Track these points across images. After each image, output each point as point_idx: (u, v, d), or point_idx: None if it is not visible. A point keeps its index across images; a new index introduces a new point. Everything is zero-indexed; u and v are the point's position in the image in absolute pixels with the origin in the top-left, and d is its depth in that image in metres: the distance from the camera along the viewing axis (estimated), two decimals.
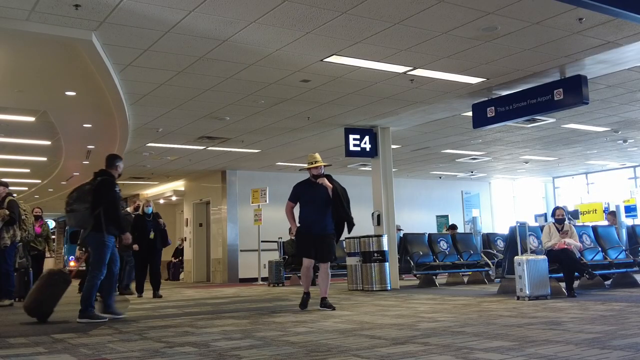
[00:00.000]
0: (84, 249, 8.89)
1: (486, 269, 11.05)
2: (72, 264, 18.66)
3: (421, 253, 10.86)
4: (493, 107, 8.93)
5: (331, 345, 3.99)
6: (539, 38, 6.70)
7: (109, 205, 6.20)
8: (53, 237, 30.38)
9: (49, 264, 13.96)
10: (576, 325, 4.61)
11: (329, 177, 6.92)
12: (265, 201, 13.84)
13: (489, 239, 11.74)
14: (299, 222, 6.86)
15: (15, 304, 8.50)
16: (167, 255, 12.90)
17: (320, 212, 6.74)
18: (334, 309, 6.55)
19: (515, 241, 7.76)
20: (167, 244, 10.79)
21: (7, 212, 8.23)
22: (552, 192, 20.82)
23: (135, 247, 9.96)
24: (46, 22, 5.74)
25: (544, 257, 7.42)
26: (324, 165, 7.04)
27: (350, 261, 10.27)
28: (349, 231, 7.06)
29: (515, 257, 7.27)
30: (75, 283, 8.37)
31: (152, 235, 10.25)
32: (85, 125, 10.01)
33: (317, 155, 7.00)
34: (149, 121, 10.00)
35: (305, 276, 6.90)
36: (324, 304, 6.69)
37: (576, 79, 7.88)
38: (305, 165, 7.11)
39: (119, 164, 6.59)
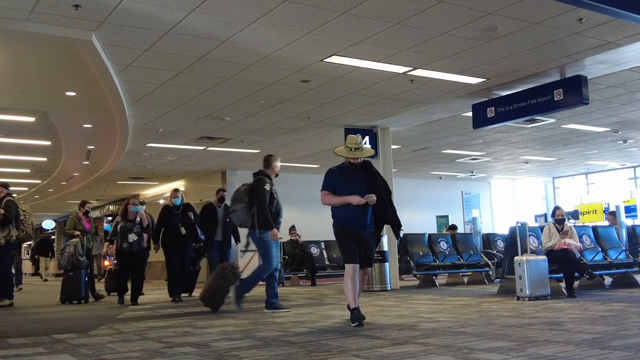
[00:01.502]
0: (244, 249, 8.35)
1: (486, 269, 11.05)
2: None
3: (421, 253, 10.86)
4: (493, 108, 8.94)
5: (331, 345, 3.99)
6: (539, 38, 6.70)
7: (255, 203, 6.53)
8: (53, 237, 30.41)
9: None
10: (576, 326, 4.60)
11: (367, 164, 5.63)
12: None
13: (489, 239, 11.73)
14: (335, 217, 5.47)
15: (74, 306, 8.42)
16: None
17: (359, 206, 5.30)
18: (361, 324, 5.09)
19: (515, 241, 7.75)
20: (200, 241, 9.49)
21: (2, 211, 8.26)
22: (552, 192, 20.82)
23: (157, 247, 9.08)
24: (46, 22, 5.74)
25: (544, 257, 7.41)
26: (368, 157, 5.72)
27: None
28: (397, 236, 5.73)
29: (515, 258, 7.27)
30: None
31: (182, 230, 8.95)
32: (85, 125, 10.01)
33: (359, 139, 5.57)
34: (149, 121, 10.00)
35: (352, 287, 5.19)
36: (357, 317, 5.13)
37: (576, 79, 7.88)
38: (342, 148, 5.63)
39: (275, 163, 6.89)
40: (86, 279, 9.13)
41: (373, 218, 5.43)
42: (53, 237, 30.25)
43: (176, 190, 9.41)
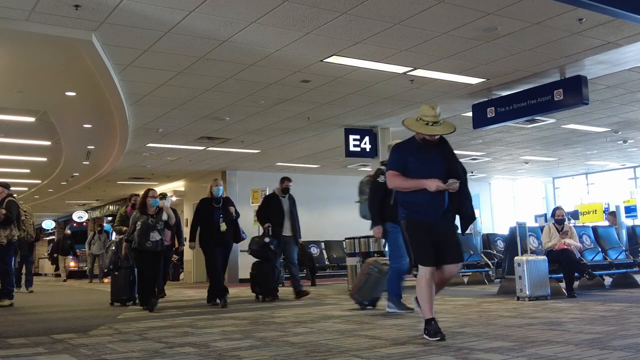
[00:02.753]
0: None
1: (486, 269, 11.04)
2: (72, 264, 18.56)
3: None
4: (493, 108, 8.93)
5: (331, 345, 3.98)
6: (539, 38, 6.70)
7: (368, 195, 6.28)
8: (53, 237, 30.39)
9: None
10: (576, 326, 4.60)
11: (444, 141, 4.50)
12: None
13: (488, 240, 11.72)
14: (403, 205, 4.40)
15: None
16: None
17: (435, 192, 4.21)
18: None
19: (515, 241, 7.74)
20: (241, 238, 8.32)
21: (3, 211, 8.26)
22: (552, 192, 20.81)
23: (192, 245, 8.09)
24: (46, 22, 5.74)
25: (543, 257, 7.41)
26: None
27: (350, 261, 10.26)
28: (465, 230, 4.62)
29: (515, 258, 7.26)
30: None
31: (223, 226, 7.77)
32: (85, 125, 10.01)
33: (438, 111, 4.36)
34: (149, 121, 10.00)
35: (428, 294, 4.21)
36: (435, 330, 4.12)
37: (576, 79, 7.88)
38: (412, 121, 4.46)
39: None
40: (130, 278, 8.20)
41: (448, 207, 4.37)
42: (53, 237, 30.25)
43: (217, 179, 8.15)
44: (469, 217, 4.47)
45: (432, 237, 4.23)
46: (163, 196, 8.08)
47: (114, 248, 8.55)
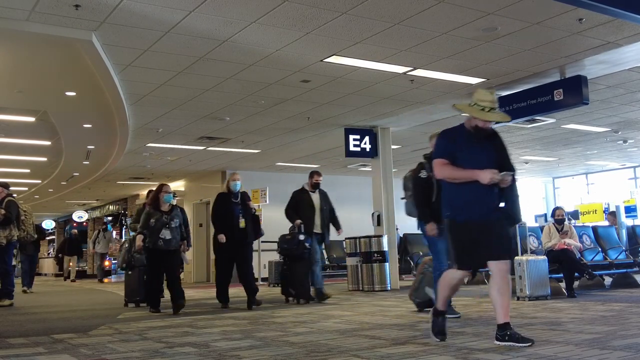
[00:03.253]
0: None
1: (486, 269, 11.04)
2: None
3: (421, 253, 10.86)
4: None
5: (331, 345, 3.99)
6: (539, 38, 6.70)
7: (412, 191, 5.84)
8: (53, 237, 30.34)
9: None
10: (576, 326, 4.60)
11: (495, 132, 4.23)
12: (265, 201, 13.81)
13: None
14: (449, 202, 4.02)
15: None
16: None
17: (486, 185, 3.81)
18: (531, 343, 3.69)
19: (515, 241, 7.75)
20: (260, 235, 8.12)
21: (3, 211, 8.27)
22: (552, 192, 20.81)
23: (222, 237, 7.44)
24: (46, 22, 5.74)
25: (544, 257, 7.41)
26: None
27: (350, 261, 10.27)
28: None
29: (515, 258, 7.27)
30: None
31: (242, 223, 7.48)
32: (85, 125, 10.01)
33: (496, 97, 4.02)
34: (149, 121, 10.00)
35: (448, 290, 4.06)
36: (511, 335, 3.72)
37: (576, 79, 7.88)
38: (466, 105, 4.07)
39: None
40: (144, 278, 7.79)
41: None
42: (53, 237, 30.23)
43: (235, 173, 7.76)
44: (513, 218, 4.14)
45: (478, 237, 3.86)
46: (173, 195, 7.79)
47: (127, 246, 8.16)
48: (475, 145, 3.98)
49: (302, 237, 7.79)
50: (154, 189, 7.47)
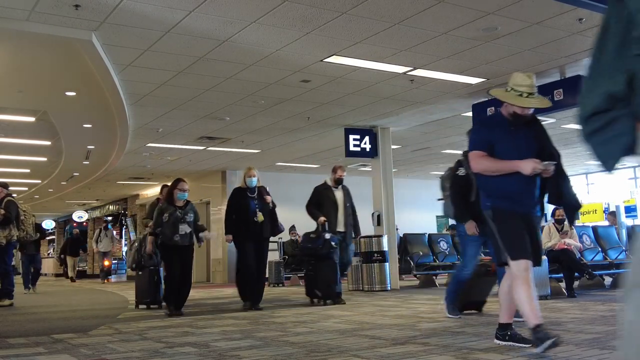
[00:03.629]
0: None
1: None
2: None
3: (421, 253, 10.86)
4: (493, 108, 8.93)
5: (331, 345, 3.98)
6: (539, 38, 6.70)
7: (450, 190, 5.51)
8: (53, 237, 30.30)
9: None
10: (576, 326, 4.60)
11: (535, 119, 3.92)
12: None
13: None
14: (487, 192, 3.73)
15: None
16: None
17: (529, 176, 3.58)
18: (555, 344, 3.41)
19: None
20: (279, 231, 7.56)
21: (2, 211, 8.27)
22: None
23: (229, 238, 7.22)
24: (46, 22, 5.74)
25: (543, 257, 7.41)
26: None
27: None
28: (573, 221, 4.32)
29: None
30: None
31: (259, 217, 7.07)
32: (85, 125, 10.01)
33: (534, 81, 3.70)
34: (149, 121, 10.00)
35: (529, 293, 3.59)
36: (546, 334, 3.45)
37: (576, 79, 7.88)
38: (501, 92, 3.77)
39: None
40: (155, 279, 7.62)
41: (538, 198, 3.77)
42: (53, 237, 30.22)
43: (250, 169, 7.47)
44: (573, 205, 3.83)
45: (524, 229, 3.58)
46: None
47: (136, 245, 7.85)
48: (514, 134, 3.70)
49: (327, 235, 7.42)
50: (169, 183, 7.28)
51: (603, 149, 1.36)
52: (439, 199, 6.07)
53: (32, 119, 9.70)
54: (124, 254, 24.40)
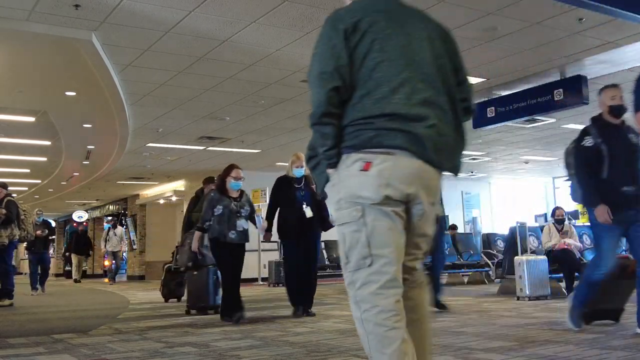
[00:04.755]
0: None
1: (486, 269, 11.05)
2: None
3: None
4: (493, 107, 8.93)
5: (331, 345, 3.98)
6: (539, 38, 6.70)
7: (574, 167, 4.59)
8: (53, 237, 30.26)
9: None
10: None
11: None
12: (265, 201, 13.78)
13: (489, 239, 11.73)
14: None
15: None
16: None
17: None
18: None
19: (515, 241, 7.75)
20: (329, 226, 6.11)
21: (3, 211, 8.29)
22: (552, 192, 20.81)
23: (268, 236, 6.40)
24: (46, 22, 5.74)
25: (544, 257, 7.41)
26: None
27: None
28: None
29: (515, 258, 7.27)
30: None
31: (308, 212, 6.06)
32: (85, 125, 10.01)
33: None
34: (149, 121, 10.00)
35: None
36: None
37: (576, 79, 7.88)
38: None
39: (606, 95, 4.85)
40: (214, 279, 6.69)
41: None
42: (53, 237, 30.18)
43: (299, 155, 6.32)
44: None
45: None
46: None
47: (189, 241, 6.67)
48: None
49: None
50: (213, 176, 6.36)
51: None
52: (565, 180, 4.96)
53: (32, 119, 9.70)
54: (124, 254, 24.39)
